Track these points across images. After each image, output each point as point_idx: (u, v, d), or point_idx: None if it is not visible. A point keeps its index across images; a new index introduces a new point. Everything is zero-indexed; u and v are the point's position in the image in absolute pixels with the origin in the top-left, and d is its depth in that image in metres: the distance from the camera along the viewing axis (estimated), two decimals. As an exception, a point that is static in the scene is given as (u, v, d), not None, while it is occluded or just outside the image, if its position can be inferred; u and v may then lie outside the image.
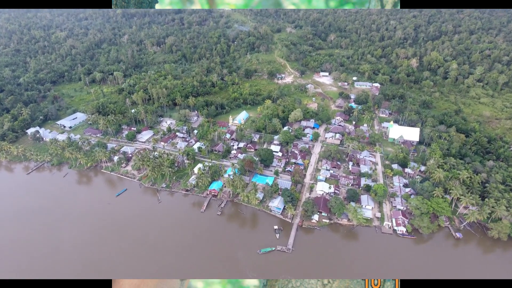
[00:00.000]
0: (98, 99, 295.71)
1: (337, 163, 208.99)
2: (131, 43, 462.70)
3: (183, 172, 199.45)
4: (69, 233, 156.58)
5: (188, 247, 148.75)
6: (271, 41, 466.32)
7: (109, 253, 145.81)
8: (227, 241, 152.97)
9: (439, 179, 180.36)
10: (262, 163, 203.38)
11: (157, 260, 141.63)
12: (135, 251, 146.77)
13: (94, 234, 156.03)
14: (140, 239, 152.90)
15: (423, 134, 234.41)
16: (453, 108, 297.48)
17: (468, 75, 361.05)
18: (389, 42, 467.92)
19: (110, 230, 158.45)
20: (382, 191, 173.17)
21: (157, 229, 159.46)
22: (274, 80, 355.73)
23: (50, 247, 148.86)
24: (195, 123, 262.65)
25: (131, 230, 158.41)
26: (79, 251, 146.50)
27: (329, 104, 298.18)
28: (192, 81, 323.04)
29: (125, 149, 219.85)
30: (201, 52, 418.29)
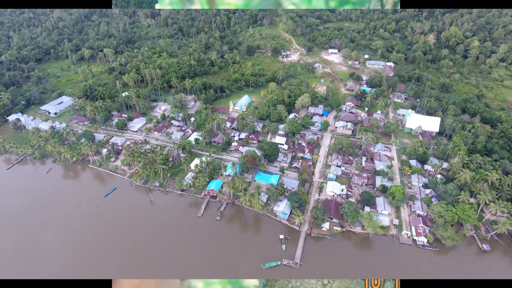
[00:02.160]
0: (86, 80, 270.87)
1: (349, 158, 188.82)
2: (123, 15, 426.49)
3: (178, 168, 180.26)
4: (51, 242, 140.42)
5: (183, 260, 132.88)
6: (275, 13, 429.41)
7: (94, 265, 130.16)
8: (227, 253, 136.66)
9: (464, 180, 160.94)
10: (266, 159, 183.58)
11: (148, 274, 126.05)
12: (122, 264, 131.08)
13: (79, 243, 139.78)
14: (128, 250, 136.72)
15: (444, 124, 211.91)
16: (474, 92, 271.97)
17: (490, 54, 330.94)
18: (403, 15, 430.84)
19: (96, 238, 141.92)
20: (400, 194, 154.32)
21: (148, 237, 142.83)
22: (279, 58, 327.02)
23: (28, 258, 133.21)
24: (192, 108, 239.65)
25: (119, 239, 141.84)
26: (61, 263, 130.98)
27: (338, 87, 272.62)
28: (189, 59, 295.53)
29: (114, 140, 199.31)
30: (199, 25, 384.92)
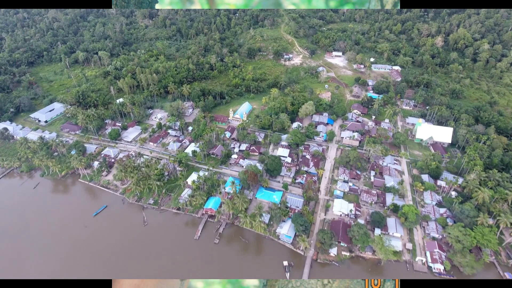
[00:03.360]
0: (79, 85, 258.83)
1: (357, 172, 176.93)
2: (120, 15, 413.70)
3: (174, 184, 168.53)
4: (33, 270, 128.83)
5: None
6: (277, 14, 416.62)
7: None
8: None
9: (482, 200, 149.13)
10: (268, 173, 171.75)
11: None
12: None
13: (64, 271, 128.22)
14: (119, 278, 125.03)
15: (457, 135, 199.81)
16: (486, 99, 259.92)
17: (500, 58, 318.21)
18: (408, 15, 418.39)
19: (82, 266, 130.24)
20: (414, 215, 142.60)
21: (140, 264, 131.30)
22: (281, 61, 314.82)
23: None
24: (190, 116, 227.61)
25: (108, 266, 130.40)
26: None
27: (344, 93, 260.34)
28: (188, 63, 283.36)
29: (107, 152, 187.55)
30: (198, 26, 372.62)
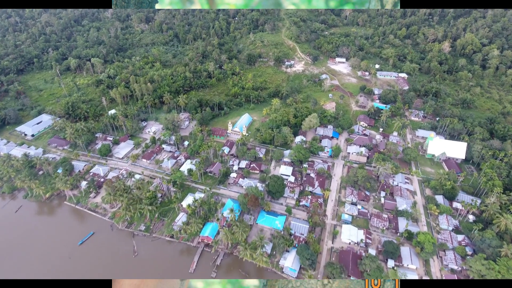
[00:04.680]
0: (70, 94, 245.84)
1: (365, 193, 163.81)
2: (116, 19, 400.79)
3: (168, 207, 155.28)
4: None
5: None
6: (278, 17, 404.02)
7: None
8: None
9: (505, 227, 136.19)
10: (270, 195, 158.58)
11: None
12: None
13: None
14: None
15: (471, 150, 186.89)
16: (498, 109, 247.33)
17: (511, 64, 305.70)
18: (413, 19, 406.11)
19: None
20: (430, 245, 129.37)
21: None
22: (282, 68, 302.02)
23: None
24: (186, 129, 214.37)
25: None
26: None
27: (349, 103, 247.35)
28: (185, 70, 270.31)
29: (96, 170, 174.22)
30: (196, 31, 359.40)
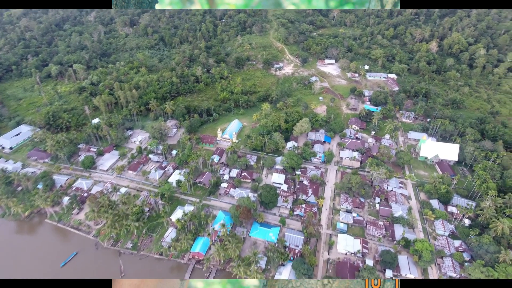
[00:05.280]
0: (52, 103, 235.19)
1: (360, 199, 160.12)
2: (99, 23, 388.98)
3: (156, 222, 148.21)
4: None
5: None
6: (265, 19, 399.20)
7: None
8: None
9: (501, 231, 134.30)
10: (263, 206, 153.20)
11: None
12: None
13: None
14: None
15: (464, 152, 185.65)
16: (487, 108, 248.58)
17: (497, 63, 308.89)
18: (400, 19, 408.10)
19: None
20: (428, 254, 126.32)
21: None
22: (271, 71, 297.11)
23: None
24: (174, 137, 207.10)
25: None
26: None
27: (339, 105, 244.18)
28: (171, 75, 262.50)
29: (79, 184, 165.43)
30: (182, 34, 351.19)
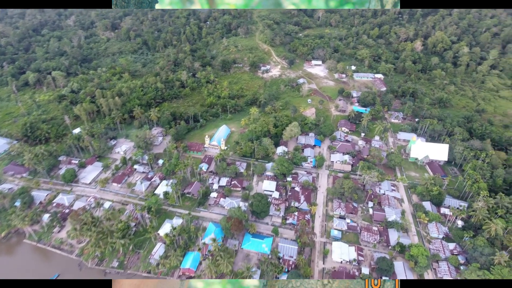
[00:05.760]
0: (29, 113, 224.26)
1: (353, 205, 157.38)
2: (79, 27, 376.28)
3: (143, 237, 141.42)
4: None
5: None
6: (251, 20, 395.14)
7: None
8: None
9: (495, 233, 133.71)
10: (255, 215, 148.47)
11: None
12: None
13: None
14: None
15: (454, 152, 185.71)
16: (473, 106, 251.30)
17: (480, 60, 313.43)
18: (384, 19, 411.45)
19: None
20: (424, 259, 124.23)
21: None
22: (258, 73, 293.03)
23: None
24: (160, 145, 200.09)
25: None
26: None
27: (328, 107, 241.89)
28: (156, 81, 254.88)
29: (60, 200, 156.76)
30: (166, 37, 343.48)
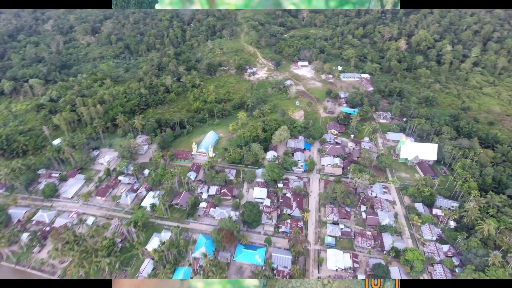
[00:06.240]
0: (5, 124, 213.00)
1: (346, 209, 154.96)
2: (57, 32, 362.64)
3: (130, 253, 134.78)
4: None
5: None
6: (235, 22, 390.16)
7: None
8: None
9: (487, 233, 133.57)
10: (246, 225, 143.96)
11: None
12: None
13: None
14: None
15: (443, 151, 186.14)
16: (458, 104, 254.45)
17: (463, 58, 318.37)
18: (368, 18, 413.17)
19: None
20: (420, 264, 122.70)
21: None
22: (245, 76, 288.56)
23: None
24: (146, 154, 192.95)
25: None
26: None
27: (316, 109, 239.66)
28: (139, 86, 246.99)
29: (40, 217, 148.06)
30: (149, 41, 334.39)
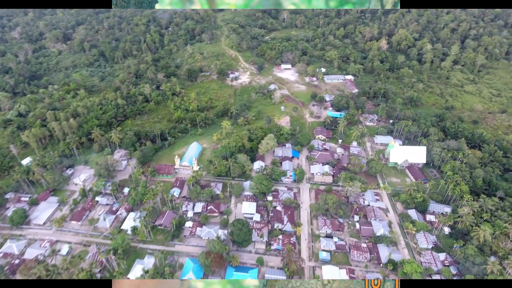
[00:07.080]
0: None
1: (339, 221, 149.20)
2: (26, 40, 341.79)
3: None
4: None
5: None
6: (215, 25, 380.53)
7: None
8: None
9: (483, 239, 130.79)
10: (236, 244, 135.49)
11: None
12: None
13: None
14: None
15: (432, 154, 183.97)
16: (441, 103, 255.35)
17: (443, 57, 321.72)
18: (348, 18, 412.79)
19: None
20: (418, 276, 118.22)
21: None
22: (227, 81, 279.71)
23: None
24: (125, 170, 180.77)
25: None
26: None
27: (302, 114, 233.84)
28: (116, 96, 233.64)
29: (8, 248, 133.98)
30: (125, 47, 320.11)
